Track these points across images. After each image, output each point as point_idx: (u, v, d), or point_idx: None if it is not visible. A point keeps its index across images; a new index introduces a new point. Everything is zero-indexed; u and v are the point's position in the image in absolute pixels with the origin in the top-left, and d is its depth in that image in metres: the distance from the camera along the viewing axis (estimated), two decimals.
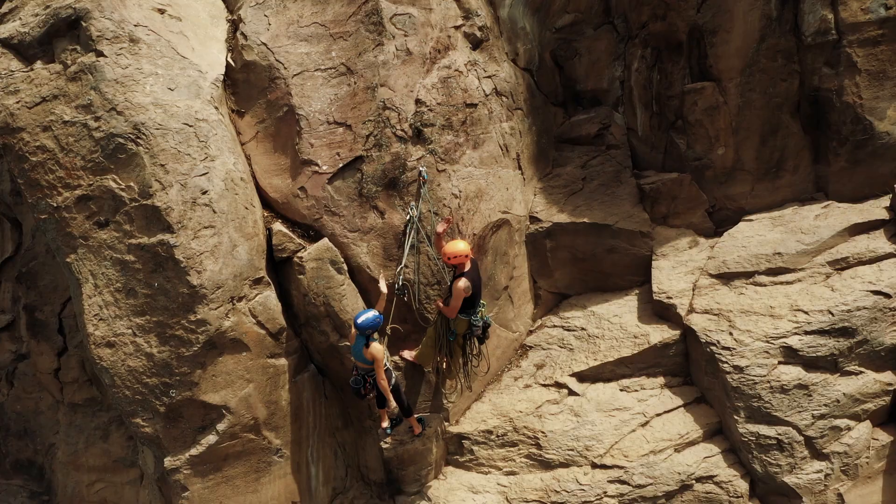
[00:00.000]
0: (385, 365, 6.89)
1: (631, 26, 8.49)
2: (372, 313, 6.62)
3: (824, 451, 6.71)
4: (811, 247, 7.41)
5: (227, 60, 7.63)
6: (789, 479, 6.69)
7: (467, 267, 6.83)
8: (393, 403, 6.93)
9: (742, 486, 6.97)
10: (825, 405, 6.71)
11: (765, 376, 6.83)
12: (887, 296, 6.83)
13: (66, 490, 9.25)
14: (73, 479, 9.20)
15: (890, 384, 6.83)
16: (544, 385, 7.91)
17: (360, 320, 6.58)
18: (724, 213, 8.43)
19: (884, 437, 6.87)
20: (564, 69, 8.79)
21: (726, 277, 7.63)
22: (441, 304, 7.03)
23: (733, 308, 7.26)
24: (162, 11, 7.41)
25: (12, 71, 7.07)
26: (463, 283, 6.70)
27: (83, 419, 9.03)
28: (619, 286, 8.43)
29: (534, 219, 8.41)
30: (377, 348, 6.65)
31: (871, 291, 6.88)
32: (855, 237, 7.40)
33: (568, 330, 8.31)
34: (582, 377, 7.80)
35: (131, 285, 6.84)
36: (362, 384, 6.92)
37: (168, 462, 7.19)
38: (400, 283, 7.13)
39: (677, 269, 8.01)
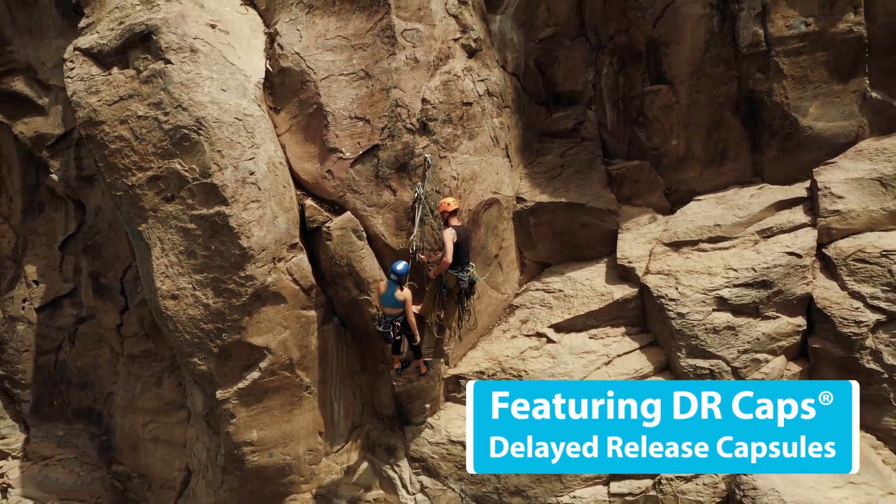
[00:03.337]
0: None
1: (601, 38, 9.95)
2: (404, 263, 8.16)
3: (747, 378, 8.30)
4: (744, 219, 8.97)
5: (266, 67, 9.14)
6: None
7: (453, 222, 8.25)
8: (418, 338, 8.44)
9: None
10: (748, 342, 8.31)
11: (701, 320, 8.43)
12: (798, 255, 8.42)
13: (124, 430, 10.80)
14: (129, 420, 10.75)
15: (800, 326, 8.41)
16: (527, 336, 9.49)
17: (399, 268, 8.05)
18: (678, 195, 9.86)
19: (795, 368, 8.44)
20: (546, 74, 10.25)
21: (676, 245, 9.20)
22: (425, 258, 8.52)
23: (680, 269, 8.86)
24: (213, 26, 8.91)
25: (93, 75, 8.57)
26: (448, 231, 8.08)
27: (140, 368, 10.59)
28: (591, 256, 9.94)
29: (520, 199, 9.94)
30: (407, 291, 8.19)
31: (787, 253, 8.46)
32: (780, 211, 8.97)
33: (548, 292, 9.88)
34: (558, 328, 9.39)
35: (192, 248, 8.38)
36: (391, 328, 8.32)
37: (219, 394, 8.73)
38: (413, 249, 8.69)
39: (638, 240, 9.58)
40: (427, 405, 9.31)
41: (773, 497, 7.29)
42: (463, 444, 8.84)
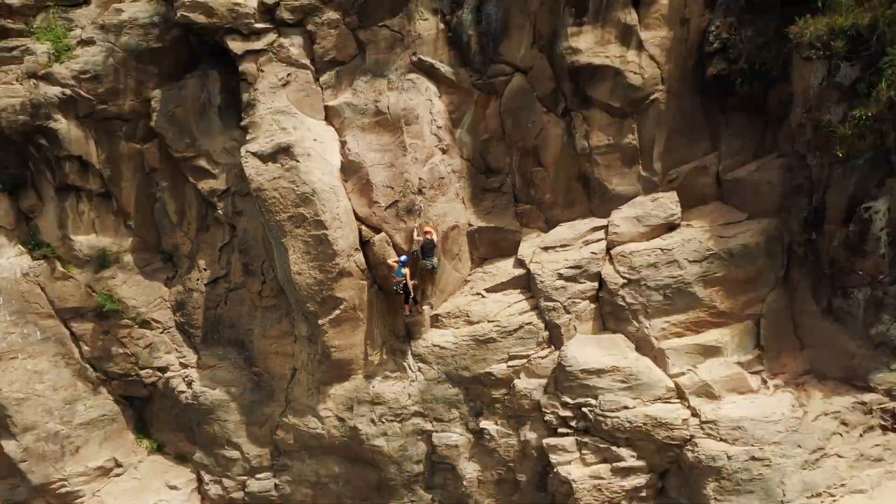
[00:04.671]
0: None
1: (514, 142, 19.05)
2: (406, 256, 17.36)
3: (570, 311, 17.51)
4: (578, 236, 17.91)
5: (341, 160, 18.33)
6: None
7: (427, 237, 17.43)
8: (412, 294, 17.65)
9: (540, 326, 17.83)
10: (572, 294, 17.36)
11: (551, 283, 17.50)
12: (597, 253, 17.57)
13: (259, 349, 19.69)
14: (262, 343, 19.65)
15: (595, 286, 17.60)
16: (472, 295, 18.62)
17: (404, 258, 17.28)
18: (551, 223, 18.71)
19: (591, 307, 17.81)
20: (485, 159, 19.08)
21: (547, 249, 18.22)
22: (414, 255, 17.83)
23: (546, 260, 17.90)
24: (316, 140, 18.11)
25: (257, 165, 17.74)
26: (419, 240, 17.29)
27: (269, 314, 19.48)
28: (507, 254, 18.93)
29: (470, 225, 18.97)
30: (407, 269, 17.34)
31: (592, 252, 17.55)
32: (594, 232, 17.93)
33: (485, 273, 18.96)
34: (488, 291, 18.53)
35: (308, 249, 17.44)
36: (401, 289, 17.62)
37: (320, 322, 17.86)
38: (413, 250, 17.80)
39: (531, 246, 18.61)
40: (422, 329, 18.52)
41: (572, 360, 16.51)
42: (439, 346, 18.05)
